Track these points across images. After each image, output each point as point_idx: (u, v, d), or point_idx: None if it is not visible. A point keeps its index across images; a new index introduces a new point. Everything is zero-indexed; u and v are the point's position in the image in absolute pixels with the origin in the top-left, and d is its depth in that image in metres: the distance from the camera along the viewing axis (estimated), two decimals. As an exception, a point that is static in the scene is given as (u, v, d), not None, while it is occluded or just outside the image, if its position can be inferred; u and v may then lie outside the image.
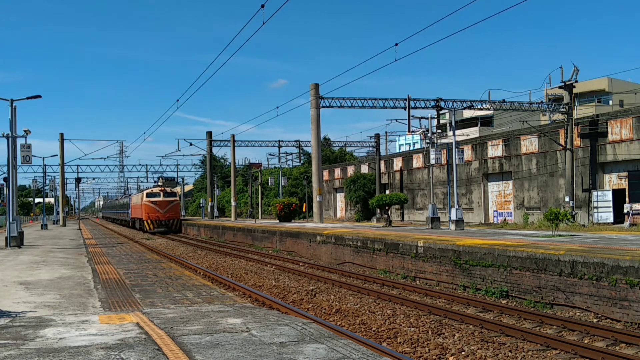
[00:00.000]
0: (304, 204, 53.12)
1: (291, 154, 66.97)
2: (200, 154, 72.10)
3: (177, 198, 56.97)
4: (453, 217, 26.37)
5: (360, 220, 52.51)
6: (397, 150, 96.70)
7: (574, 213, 32.83)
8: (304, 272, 20.49)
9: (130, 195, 76.76)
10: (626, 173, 34.46)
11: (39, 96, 29.10)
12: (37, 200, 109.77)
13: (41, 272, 17.22)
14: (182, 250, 31.62)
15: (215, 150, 61.07)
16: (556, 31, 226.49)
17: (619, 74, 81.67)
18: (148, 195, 54.47)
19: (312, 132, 38.98)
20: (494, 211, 44.84)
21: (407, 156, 55.61)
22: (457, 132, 29.39)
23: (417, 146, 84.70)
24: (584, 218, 35.35)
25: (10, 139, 28.51)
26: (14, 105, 28.30)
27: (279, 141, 61.16)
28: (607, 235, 19.22)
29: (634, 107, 37.36)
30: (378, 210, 43.92)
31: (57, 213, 76.95)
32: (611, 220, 33.31)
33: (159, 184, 59.69)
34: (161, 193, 54.33)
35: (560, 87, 36.94)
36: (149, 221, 53.41)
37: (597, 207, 34.42)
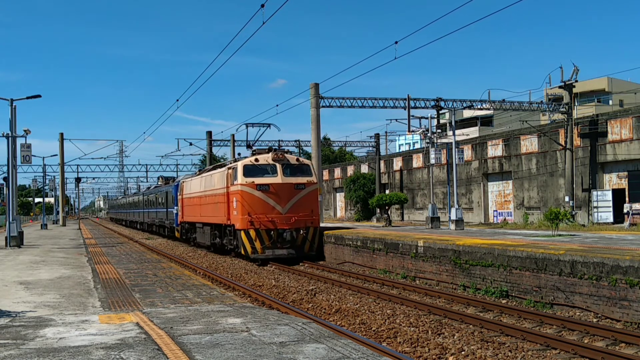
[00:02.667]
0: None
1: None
2: (200, 154, 71.97)
3: (314, 179, 25.04)
4: (453, 217, 26.37)
5: (360, 220, 52.50)
6: (397, 150, 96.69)
7: (573, 213, 32.82)
8: (304, 271, 20.50)
9: (176, 181, 41.42)
10: (626, 173, 34.46)
11: (39, 96, 29.09)
12: (37, 200, 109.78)
13: (41, 272, 17.21)
14: (182, 250, 31.62)
15: (215, 150, 60.93)
16: (556, 31, 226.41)
17: (619, 73, 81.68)
18: (248, 171, 24.04)
19: (312, 131, 38.96)
20: (494, 211, 44.83)
21: (407, 156, 55.61)
22: (457, 131, 29.38)
23: (417, 146, 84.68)
24: (583, 218, 35.34)
25: (10, 138, 28.50)
26: (13, 105, 28.29)
27: (279, 141, 61.17)
28: (607, 235, 19.22)
29: (634, 107, 37.35)
30: (378, 210, 43.91)
31: (57, 213, 76.92)
32: (611, 220, 33.30)
33: (272, 149, 25.88)
34: (278, 167, 24.12)
35: (560, 87, 36.94)
36: (251, 234, 23.55)
37: (597, 207, 34.41)
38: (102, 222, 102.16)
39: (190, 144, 60.71)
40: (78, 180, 66.33)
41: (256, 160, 24.08)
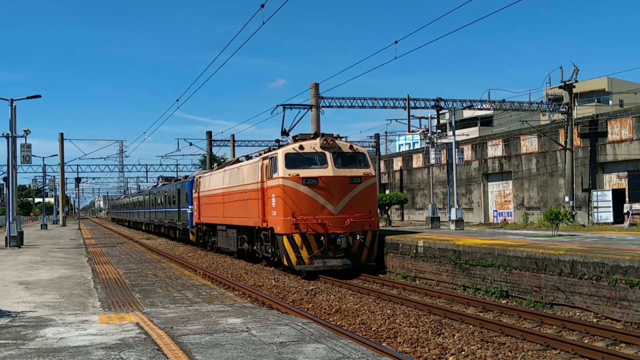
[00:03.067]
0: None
1: (291, 153, 66.84)
2: (200, 154, 71.86)
3: (371, 171, 20.26)
4: (453, 217, 26.37)
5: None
6: (397, 150, 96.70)
7: (573, 213, 32.83)
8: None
9: (189, 177, 36.86)
10: (626, 173, 34.48)
11: (39, 96, 29.10)
12: (37, 200, 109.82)
13: (41, 272, 17.21)
14: (182, 250, 31.62)
15: (215, 150, 60.88)
16: (556, 31, 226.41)
17: (619, 74, 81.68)
18: (292, 160, 19.47)
19: (312, 132, 38.95)
20: (494, 211, 44.85)
21: (407, 156, 55.63)
22: (457, 132, 29.39)
23: (417, 146, 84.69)
24: (583, 218, 35.35)
25: (10, 138, 28.51)
26: (14, 105, 28.30)
27: (279, 141, 61.11)
28: (607, 235, 19.23)
29: (633, 107, 37.36)
30: (378, 210, 43.92)
31: (57, 213, 76.91)
32: (611, 220, 33.31)
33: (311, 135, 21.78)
34: (328, 155, 19.58)
35: (560, 87, 36.94)
36: (296, 240, 19.05)
37: (597, 207, 34.42)
38: (102, 222, 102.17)
39: (190, 144, 60.71)
40: (78, 180, 66.33)
41: (301, 147, 19.38)
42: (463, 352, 9.40)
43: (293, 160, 19.28)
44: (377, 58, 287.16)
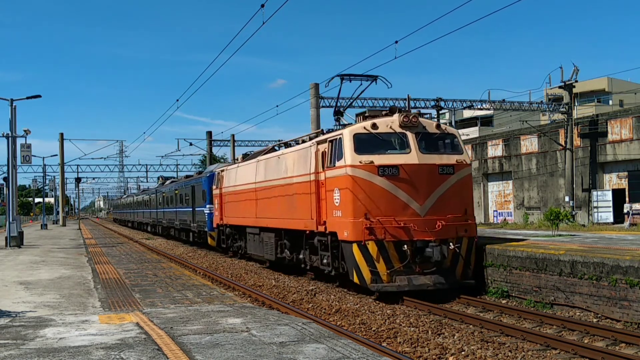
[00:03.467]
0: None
1: (291, 153, 66.81)
2: (200, 154, 71.87)
3: (465, 158, 15.54)
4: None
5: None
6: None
7: (574, 213, 32.85)
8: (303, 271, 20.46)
9: (206, 171, 34.11)
10: (626, 173, 34.49)
11: (39, 96, 29.13)
12: (37, 200, 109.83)
13: (41, 272, 17.22)
14: (182, 250, 31.63)
15: (215, 150, 60.91)
16: (556, 31, 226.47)
17: (619, 74, 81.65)
18: (362, 143, 14.75)
19: (312, 132, 38.96)
20: (494, 211, 44.87)
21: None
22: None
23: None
24: (584, 218, 35.36)
25: (10, 138, 28.53)
26: (14, 105, 28.32)
27: (279, 140, 61.15)
28: (607, 235, 19.23)
29: (634, 107, 37.38)
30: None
31: (57, 213, 76.95)
32: (611, 220, 33.33)
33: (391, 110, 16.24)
34: (410, 137, 14.86)
35: (560, 87, 36.98)
36: (371, 250, 14.22)
37: (597, 207, 34.44)
38: (102, 223, 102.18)
39: (190, 144, 60.79)
40: (78, 180, 66.38)
41: (374, 126, 14.79)
42: (463, 352, 9.40)
43: (364, 143, 14.67)
44: (377, 58, 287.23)
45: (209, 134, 61.16)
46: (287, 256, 19.21)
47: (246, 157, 25.22)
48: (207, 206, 29.90)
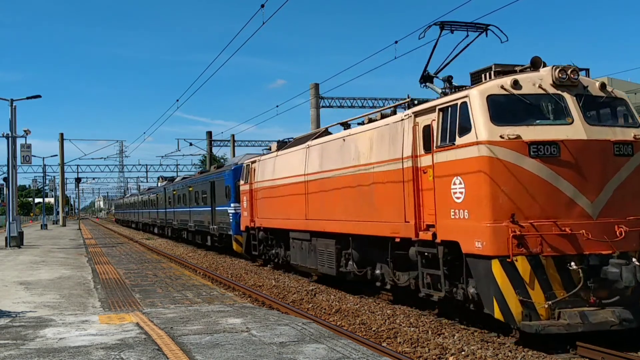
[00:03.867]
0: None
1: (291, 153, 66.81)
2: (200, 154, 71.85)
3: None
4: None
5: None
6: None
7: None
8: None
9: (229, 162, 32.41)
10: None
11: (39, 96, 29.15)
12: (37, 200, 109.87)
13: (41, 272, 17.23)
14: (182, 251, 31.63)
15: (215, 150, 60.93)
16: (556, 31, 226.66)
17: (619, 74, 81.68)
18: (500, 107, 9.78)
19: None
20: (494, 211, 44.72)
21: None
22: (457, 132, 29.27)
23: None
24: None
25: (10, 139, 28.56)
26: (14, 105, 28.34)
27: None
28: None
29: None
30: None
31: (57, 213, 76.99)
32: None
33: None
34: (569, 100, 9.93)
35: (560, 87, 36.88)
36: (521, 269, 9.20)
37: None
38: (102, 223, 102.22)
39: (190, 144, 60.84)
40: (78, 180, 66.43)
41: (515, 84, 9.98)
42: (463, 352, 9.40)
43: (504, 110, 9.97)
44: (377, 58, 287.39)
45: (209, 134, 61.20)
46: (354, 271, 14.47)
47: (283, 145, 20.42)
48: (232, 205, 25.24)
